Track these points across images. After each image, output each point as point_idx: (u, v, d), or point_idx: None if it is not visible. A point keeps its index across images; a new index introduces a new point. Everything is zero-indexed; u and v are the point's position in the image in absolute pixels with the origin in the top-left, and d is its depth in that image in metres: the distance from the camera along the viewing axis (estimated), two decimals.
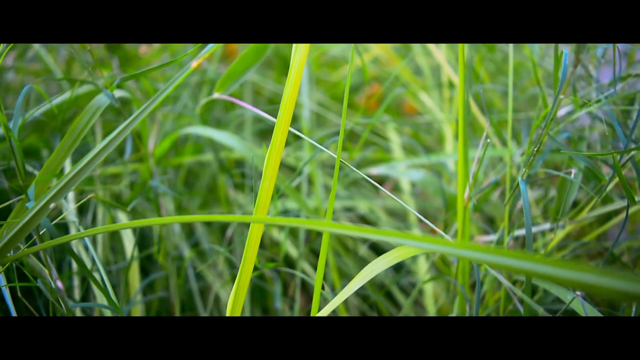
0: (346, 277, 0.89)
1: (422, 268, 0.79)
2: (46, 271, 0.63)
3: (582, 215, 0.70)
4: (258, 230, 0.44)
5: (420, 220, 1.07)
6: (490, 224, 0.91)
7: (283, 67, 1.23)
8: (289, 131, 0.66)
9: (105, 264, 0.84)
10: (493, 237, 0.70)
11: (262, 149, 0.86)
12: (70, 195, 0.83)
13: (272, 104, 1.19)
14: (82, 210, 0.91)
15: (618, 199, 0.79)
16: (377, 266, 0.49)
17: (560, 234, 0.73)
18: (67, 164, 0.81)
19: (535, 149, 0.52)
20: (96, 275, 0.74)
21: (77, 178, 0.44)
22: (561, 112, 0.79)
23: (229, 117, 1.05)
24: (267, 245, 0.96)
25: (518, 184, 0.61)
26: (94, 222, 0.84)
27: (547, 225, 0.69)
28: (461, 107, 0.57)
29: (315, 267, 0.95)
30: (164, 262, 0.71)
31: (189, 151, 0.91)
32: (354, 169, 0.52)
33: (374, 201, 0.92)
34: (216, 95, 0.63)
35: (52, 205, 0.44)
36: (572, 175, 0.58)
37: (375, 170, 0.80)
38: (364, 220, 1.01)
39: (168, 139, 0.76)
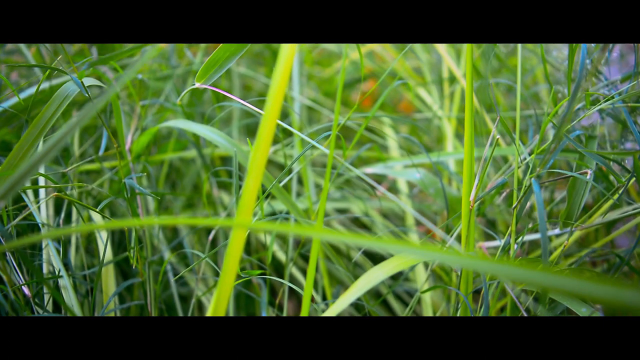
0: (338, 283, 0.83)
1: (421, 275, 0.74)
2: (6, 277, 0.57)
3: (594, 219, 0.65)
4: (241, 236, 0.38)
5: (419, 224, 1.02)
6: (492, 227, 0.86)
7: (275, 61, 1.17)
8: (279, 126, 0.60)
9: (81, 267, 0.78)
10: (498, 243, 0.65)
11: (249, 145, 0.81)
12: (43, 192, 0.78)
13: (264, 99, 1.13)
14: (59, 210, 0.85)
15: (626, 203, 0.74)
16: (374, 276, 0.44)
17: (569, 240, 0.68)
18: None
19: (553, 146, 0.47)
20: (70, 280, 0.69)
21: (28, 175, 0.38)
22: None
23: (217, 111, 1.00)
24: (253, 247, 0.90)
25: (528, 186, 0.55)
26: (67, 222, 0.78)
27: (556, 231, 0.63)
28: (468, 102, 0.51)
29: (305, 272, 0.90)
30: (140, 266, 0.65)
31: (172, 147, 0.85)
32: (349, 166, 0.47)
33: (369, 203, 0.87)
34: (197, 84, 0.57)
35: None
36: (589, 177, 0.53)
37: (371, 170, 0.75)
38: (358, 222, 0.96)
39: (147, 133, 0.71)
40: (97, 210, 0.55)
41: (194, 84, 0.58)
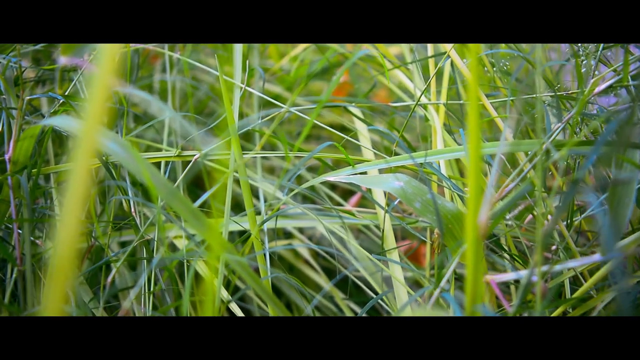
0: None
1: None
2: None
3: None
4: None
5: (402, 238, 0.83)
6: (496, 244, 0.68)
7: (225, 50, 0.98)
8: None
9: None
10: (512, 277, 0.46)
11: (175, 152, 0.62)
12: None
13: (212, 94, 0.94)
14: None
15: None
16: None
17: (603, 268, 0.50)
18: None
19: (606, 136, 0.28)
20: None
21: None
22: (598, 88, 0.55)
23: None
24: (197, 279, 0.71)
25: (567, 196, 0.37)
26: None
27: (596, 257, 0.45)
28: (473, 79, 0.33)
29: (264, 306, 0.71)
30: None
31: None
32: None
33: (340, 213, 0.68)
34: (63, 60, 0.39)
35: None
36: None
37: (333, 178, 0.56)
38: (325, 239, 0.77)
39: (27, 136, 0.51)
40: None
41: (60, 60, 0.39)
